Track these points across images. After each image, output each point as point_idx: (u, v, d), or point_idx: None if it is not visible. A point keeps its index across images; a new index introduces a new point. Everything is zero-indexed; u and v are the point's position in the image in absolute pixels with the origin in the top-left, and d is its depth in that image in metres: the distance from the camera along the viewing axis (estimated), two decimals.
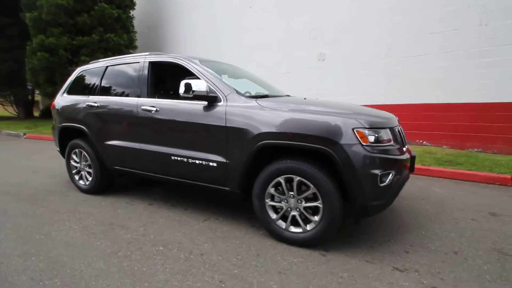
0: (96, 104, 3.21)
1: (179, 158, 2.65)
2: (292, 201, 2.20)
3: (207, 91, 2.40)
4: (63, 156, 3.76)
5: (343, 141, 1.94)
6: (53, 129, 3.89)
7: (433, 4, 5.39)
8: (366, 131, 1.97)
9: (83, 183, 3.56)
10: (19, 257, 2.12)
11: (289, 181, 2.17)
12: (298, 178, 2.10)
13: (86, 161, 3.46)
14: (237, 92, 2.47)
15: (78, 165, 3.57)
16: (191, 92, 2.40)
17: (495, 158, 4.78)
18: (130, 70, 3.09)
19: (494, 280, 1.81)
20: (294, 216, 2.21)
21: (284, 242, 2.26)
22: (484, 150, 5.28)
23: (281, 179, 2.18)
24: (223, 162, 2.42)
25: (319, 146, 1.99)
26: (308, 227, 2.16)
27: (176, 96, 3.58)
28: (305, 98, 2.82)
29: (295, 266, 1.96)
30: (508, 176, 3.84)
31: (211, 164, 2.48)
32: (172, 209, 3.03)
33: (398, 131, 2.35)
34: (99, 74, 3.36)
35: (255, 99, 2.41)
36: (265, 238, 2.37)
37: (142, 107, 2.83)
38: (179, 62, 2.78)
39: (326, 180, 2.01)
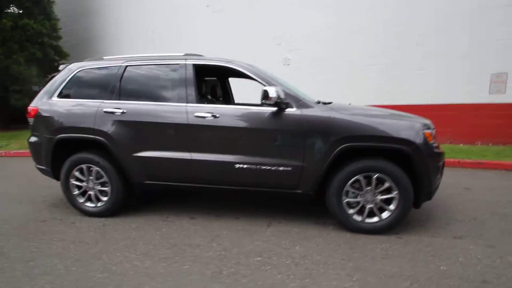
0: (119, 111, 2.72)
1: (245, 166, 2.58)
2: (368, 195, 2.49)
3: (284, 98, 2.44)
4: (53, 175, 3.01)
5: (418, 141, 2.35)
6: (32, 143, 3.04)
7: (382, 24, 6.54)
8: (430, 132, 2.43)
9: (91, 205, 2.95)
10: None
11: (366, 177, 2.46)
12: (377, 174, 2.41)
13: (98, 178, 2.89)
14: (306, 98, 2.59)
15: (83, 184, 2.94)
16: (264, 99, 2.40)
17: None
18: (165, 72, 2.77)
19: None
20: (370, 209, 2.50)
21: (361, 233, 2.53)
22: None
23: (360, 176, 2.45)
24: (299, 166, 2.50)
25: (400, 146, 2.34)
26: (384, 216, 2.49)
27: (217, 101, 3.41)
28: (349, 104, 3.09)
29: (389, 250, 2.26)
30: None
31: (285, 169, 2.52)
32: (220, 219, 2.89)
33: None
34: (116, 75, 2.84)
35: (324, 105, 2.59)
36: (340, 232, 2.59)
37: (196, 114, 2.60)
38: (239, 69, 2.68)
39: (403, 174, 2.38)
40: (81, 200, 2.96)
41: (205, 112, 2.60)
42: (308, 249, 2.31)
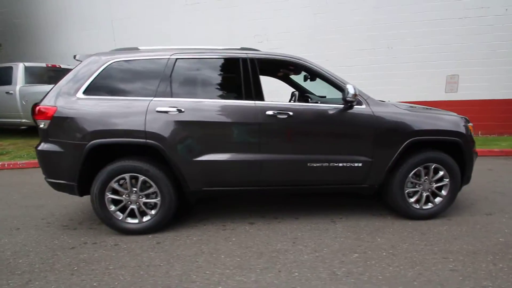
0: (176, 110, 2.37)
1: (317, 164, 2.54)
2: (426, 184, 2.74)
3: (359, 95, 2.49)
4: (79, 191, 2.45)
5: (466, 132, 2.69)
6: (46, 152, 2.40)
7: (359, 28, 7.12)
8: (470, 125, 2.81)
9: (134, 221, 2.51)
10: None
11: (425, 168, 2.70)
12: (435, 165, 2.67)
13: (144, 189, 2.47)
14: (369, 96, 2.70)
15: (123, 197, 2.47)
16: (346, 96, 2.43)
17: None
18: (224, 67, 2.51)
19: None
20: (427, 196, 2.76)
21: (419, 219, 2.76)
22: None
23: (421, 167, 2.67)
24: (368, 161, 2.60)
25: (456, 139, 2.64)
26: (437, 201, 2.78)
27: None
28: (389, 101, 3.29)
29: (452, 231, 2.53)
30: None
31: (356, 164, 2.59)
32: (283, 222, 2.78)
33: None
34: (164, 69, 2.44)
35: (389, 102, 2.74)
36: (402, 220, 2.77)
37: (268, 112, 2.44)
38: (308, 65, 2.64)
39: (455, 163, 2.70)
40: (120, 217, 2.49)
41: (277, 110, 2.46)
42: (390, 240, 2.43)
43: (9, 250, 2.33)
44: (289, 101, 3.50)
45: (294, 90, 4.13)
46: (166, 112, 2.37)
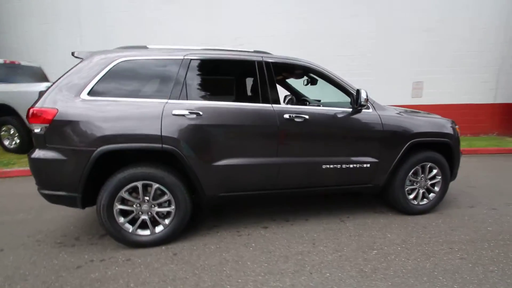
0: (194, 113, 2.26)
1: (331, 166, 2.63)
2: (422, 182, 2.98)
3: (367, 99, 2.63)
4: (82, 203, 2.20)
5: (455, 134, 3.00)
6: (43, 160, 2.11)
7: (338, 33, 7.48)
8: (457, 127, 3.12)
9: (145, 233, 2.33)
10: None
11: (422, 167, 2.94)
12: (430, 164, 2.93)
13: (157, 198, 2.31)
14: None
15: (133, 208, 2.28)
16: (358, 100, 2.56)
17: None
18: (239, 70, 2.49)
19: None
20: (423, 193, 3.00)
21: (416, 214, 2.99)
22: None
23: (418, 166, 2.90)
24: (375, 162, 2.75)
25: (446, 140, 2.92)
26: (431, 197, 3.03)
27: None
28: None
29: (449, 224, 2.79)
30: None
31: (365, 165, 2.72)
32: (295, 224, 2.81)
33: None
34: (178, 70, 2.31)
35: (391, 106, 2.93)
36: (401, 216, 2.97)
37: (285, 116, 2.45)
38: (321, 70, 2.74)
39: (445, 161, 2.98)
40: (130, 229, 2.30)
41: (294, 113, 2.49)
42: (399, 235, 2.59)
43: (4, 276, 2.01)
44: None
45: (288, 93, 4.22)
46: (183, 115, 2.25)
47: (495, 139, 7.05)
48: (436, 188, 3.04)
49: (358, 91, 2.58)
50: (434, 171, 2.99)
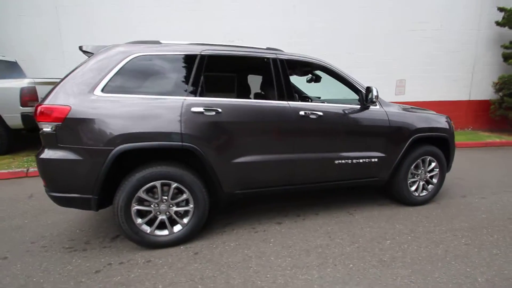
0: (214, 111, 2.22)
1: (343, 161, 2.71)
2: (422, 175, 3.15)
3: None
4: (96, 205, 2.10)
5: (451, 129, 3.20)
6: (54, 161, 1.98)
7: (322, 33, 7.63)
8: (451, 122, 3.33)
9: (163, 233, 2.28)
10: None
11: (422, 160, 3.11)
12: (429, 157, 3.11)
13: (175, 198, 2.26)
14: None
15: (151, 208, 2.21)
16: (369, 97, 2.66)
17: None
18: (255, 66, 2.47)
19: None
20: (423, 185, 3.18)
21: (416, 205, 3.16)
22: None
23: (419, 160, 3.07)
24: (382, 156, 2.87)
25: (443, 134, 3.11)
26: (429, 188, 3.23)
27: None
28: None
29: (447, 213, 2.99)
30: None
31: (373, 160, 2.83)
32: (306, 219, 2.86)
33: None
34: (195, 66, 2.26)
35: (394, 103, 3.05)
36: (403, 207, 3.13)
37: (300, 113, 2.48)
38: (333, 69, 2.84)
39: (442, 155, 3.18)
40: (149, 229, 2.23)
41: (309, 110, 2.53)
42: (406, 226, 2.73)
43: (11, 285, 1.87)
44: None
45: None
46: (201, 112, 2.21)
47: (471, 134, 7.58)
48: (435, 180, 3.24)
49: (368, 88, 2.67)
50: (433, 164, 3.17)
